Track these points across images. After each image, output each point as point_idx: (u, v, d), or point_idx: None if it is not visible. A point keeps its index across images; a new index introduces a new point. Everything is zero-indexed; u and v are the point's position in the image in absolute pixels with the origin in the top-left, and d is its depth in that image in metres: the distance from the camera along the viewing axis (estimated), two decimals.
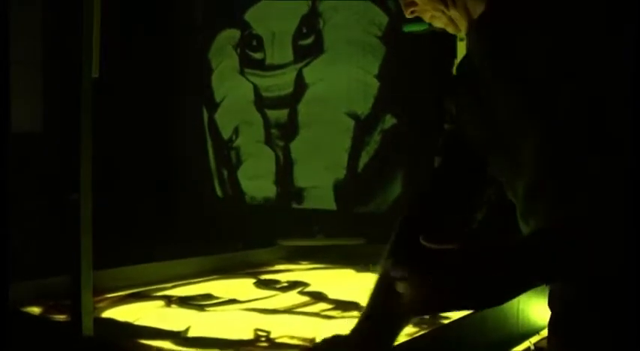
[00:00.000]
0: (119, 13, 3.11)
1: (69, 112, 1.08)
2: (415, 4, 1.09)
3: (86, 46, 1.02)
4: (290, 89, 3.38)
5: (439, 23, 1.10)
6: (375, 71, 3.10)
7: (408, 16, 1.11)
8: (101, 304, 1.54)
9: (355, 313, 1.47)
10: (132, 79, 3.39)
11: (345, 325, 1.34)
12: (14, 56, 1.39)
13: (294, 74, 3.36)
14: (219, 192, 3.68)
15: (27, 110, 3.12)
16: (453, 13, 1.06)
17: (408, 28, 1.57)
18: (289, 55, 3.38)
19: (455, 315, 1.31)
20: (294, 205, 3.29)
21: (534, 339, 1.38)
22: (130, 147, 3.41)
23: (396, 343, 1.09)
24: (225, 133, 3.66)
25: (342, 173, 3.17)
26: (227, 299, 1.61)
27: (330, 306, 1.58)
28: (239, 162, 3.59)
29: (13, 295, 1.40)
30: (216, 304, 1.57)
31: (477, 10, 1.03)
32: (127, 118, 3.38)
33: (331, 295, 1.69)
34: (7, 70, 1.37)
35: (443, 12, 1.07)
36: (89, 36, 1.03)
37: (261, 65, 3.50)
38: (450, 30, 1.10)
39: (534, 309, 1.40)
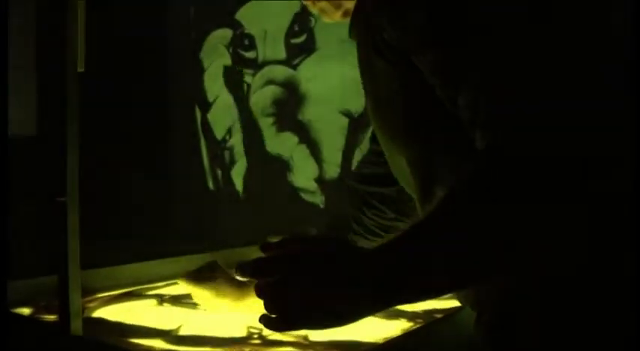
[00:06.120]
0: (110, 11, 3.10)
1: (55, 109, 1.07)
2: None
3: (70, 40, 1.00)
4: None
5: (313, 10, 1.12)
6: None
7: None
8: (92, 304, 1.52)
9: None
10: (123, 80, 3.38)
11: None
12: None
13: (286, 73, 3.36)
14: (212, 191, 3.66)
15: (20, 113, 3.11)
16: (324, 4, 1.09)
17: None
18: (282, 54, 3.36)
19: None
20: (288, 204, 3.27)
21: None
22: (123, 147, 3.39)
23: (390, 337, 1.08)
24: (219, 133, 3.65)
25: (336, 172, 3.16)
26: None
27: None
28: (233, 161, 3.58)
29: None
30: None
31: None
32: (118, 119, 3.36)
33: None
34: (4, 74, 1.35)
35: (312, 2, 1.10)
36: (73, 29, 1.01)
37: (253, 64, 3.49)
38: (325, 18, 1.13)
39: None
